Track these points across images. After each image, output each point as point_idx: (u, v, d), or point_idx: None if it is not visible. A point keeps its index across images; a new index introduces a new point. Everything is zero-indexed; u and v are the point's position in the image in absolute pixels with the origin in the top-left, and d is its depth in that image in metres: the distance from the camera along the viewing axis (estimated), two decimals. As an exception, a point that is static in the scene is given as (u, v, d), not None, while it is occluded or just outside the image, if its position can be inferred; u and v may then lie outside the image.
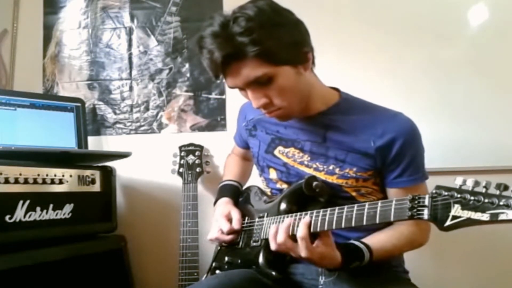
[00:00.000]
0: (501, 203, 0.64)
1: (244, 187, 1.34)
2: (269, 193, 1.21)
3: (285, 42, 0.91)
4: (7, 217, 1.26)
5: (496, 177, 1.58)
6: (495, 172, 1.61)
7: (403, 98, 1.11)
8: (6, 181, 1.27)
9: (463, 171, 1.61)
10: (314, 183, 1.00)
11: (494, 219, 0.64)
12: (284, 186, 1.13)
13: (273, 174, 1.15)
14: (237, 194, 1.27)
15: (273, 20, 0.89)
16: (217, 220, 1.16)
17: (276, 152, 1.13)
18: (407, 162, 1.00)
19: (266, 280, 1.02)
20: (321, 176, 1.05)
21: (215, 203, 1.26)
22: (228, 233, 1.12)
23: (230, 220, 1.15)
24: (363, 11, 1.72)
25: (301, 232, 0.89)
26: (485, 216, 0.65)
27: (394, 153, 0.99)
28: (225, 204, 1.21)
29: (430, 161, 1.09)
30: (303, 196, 1.01)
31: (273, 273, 1.00)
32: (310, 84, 1.02)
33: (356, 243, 0.98)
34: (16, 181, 1.29)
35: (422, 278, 1.12)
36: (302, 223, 0.90)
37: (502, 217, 0.64)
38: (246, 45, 0.86)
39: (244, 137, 1.29)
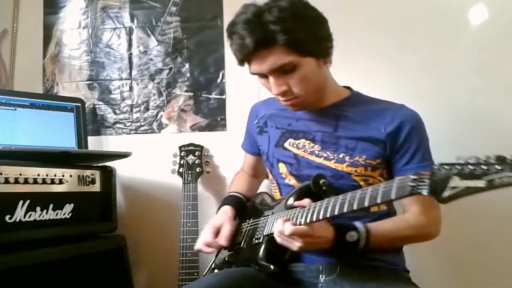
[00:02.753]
0: (498, 168, 0.63)
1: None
2: (277, 196, 1.21)
3: (313, 35, 0.98)
4: (7, 217, 1.26)
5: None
6: (495, 172, 1.61)
7: (403, 98, 1.13)
8: (6, 181, 1.27)
9: (463, 171, 1.61)
10: (322, 181, 1.05)
11: (490, 186, 0.63)
12: (293, 181, 1.14)
13: (282, 169, 1.17)
14: (240, 205, 1.26)
15: (304, 13, 0.97)
16: (204, 229, 1.17)
17: (286, 144, 1.16)
18: (414, 148, 1.05)
19: (265, 277, 1.02)
20: (331, 164, 1.08)
21: (217, 212, 1.25)
22: (207, 245, 1.13)
23: (218, 232, 1.15)
24: (362, 12, 1.72)
25: (284, 226, 0.93)
26: (481, 183, 0.64)
27: (402, 138, 1.05)
28: (222, 214, 1.21)
29: (430, 161, 1.08)
30: (310, 194, 1.03)
31: (271, 266, 1.01)
32: (326, 78, 1.10)
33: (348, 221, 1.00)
34: (16, 181, 1.29)
35: (422, 278, 1.12)
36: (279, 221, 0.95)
37: (497, 182, 0.63)
38: (277, 33, 0.93)
39: (254, 138, 1.29)
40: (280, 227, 0.94)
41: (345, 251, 0.98)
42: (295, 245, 0.93)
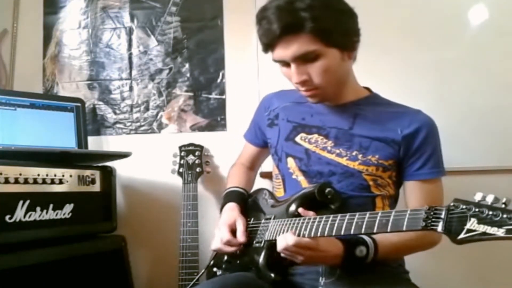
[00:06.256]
0: None
1: (251, 191, 1.32)
2: (279, 193, 1.20)
3: (341, 27, 0.98)
4: (7, 217, 1.26)
5: (496, 177, 1.61)
6: (495, 172, 1.61)
7: (403, 99, 1.13)
8: (6, 181, 1.27)
9: (463, 171, 1.61)
10: (327, 190, 1.02)
11: (510, 235, 0.62)
12: (301, 177, 1.12)
13: (291, 163, 1.15)
14: (244, 200, 1.24)
15: (335, 5, 0.99)
16: (220, 229, 1.13)
17: (297, 139, 1.15)
18: (429, 153, 1.06)
19: (264, 283, 1.01)
20: (343, 161, 1.07)
21: (221, 209, 1.23)
22: (228, 244, 1.10)
23: (233, 230, 1.12)
24: (364, 13, 1.72)
25: (290, 240, 0.91)
26: (501, 231, 0.62)
27: (418, 142, 1.05)
28: (231, 211, 1.18)
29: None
30: (314, 202, 1.02)
31: (272, 275, 1.00)
32: (348, 73, 1.10)
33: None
34: (16, 181, 1.29)
35: (422, 278, 1.12)
36: (289, 234, 0.93)
37: None
38: (306, 20, 0.93)
39: (261, 130, 1.28)
40: (284, 242, 0.92)
41: (352, 265, 0.97)
42: (298, 258, 0.93)
